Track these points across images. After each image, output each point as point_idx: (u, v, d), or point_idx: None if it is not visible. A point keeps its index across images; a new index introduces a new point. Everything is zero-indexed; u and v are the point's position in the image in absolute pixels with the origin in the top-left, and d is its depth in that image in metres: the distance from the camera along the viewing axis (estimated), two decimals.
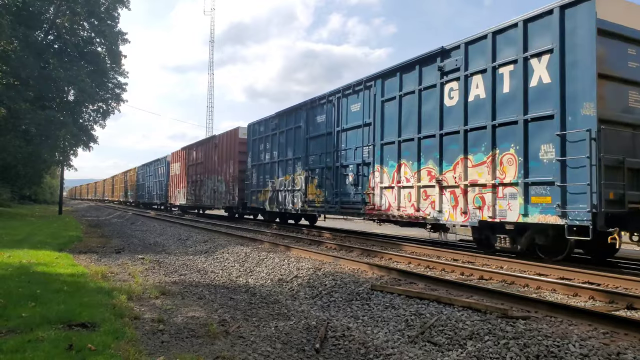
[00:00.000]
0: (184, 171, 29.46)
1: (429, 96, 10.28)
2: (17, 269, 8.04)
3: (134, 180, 46.48)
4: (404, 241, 12.12)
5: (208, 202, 24.92)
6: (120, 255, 11.71)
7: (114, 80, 29.31)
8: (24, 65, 23.18)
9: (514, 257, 8.87)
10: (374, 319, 5.61)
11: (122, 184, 54.10)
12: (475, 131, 9.12)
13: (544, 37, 7.91)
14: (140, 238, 16.36)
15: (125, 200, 51.89)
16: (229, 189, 21.79)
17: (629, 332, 4.28)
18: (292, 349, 4.73)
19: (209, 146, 25.08)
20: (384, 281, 7.04)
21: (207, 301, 6.80)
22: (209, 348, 4.64)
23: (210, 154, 24.77)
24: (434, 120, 10.07)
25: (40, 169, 32.95)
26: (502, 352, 4.18)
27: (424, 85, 10.43)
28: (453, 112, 9.63)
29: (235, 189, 21.14)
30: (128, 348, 4.23)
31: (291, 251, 10.52)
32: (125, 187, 51.62)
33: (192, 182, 27.68)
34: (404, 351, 4.56)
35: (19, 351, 3.98)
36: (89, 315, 5.23)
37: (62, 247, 12.34)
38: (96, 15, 26.78)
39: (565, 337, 4.19)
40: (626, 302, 5.46)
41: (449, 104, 9.77)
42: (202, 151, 26.19)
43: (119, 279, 8.29)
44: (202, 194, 25.80)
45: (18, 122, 24.02)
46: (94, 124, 29.79)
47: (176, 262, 10.68)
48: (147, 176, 40.37)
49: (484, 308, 5.18)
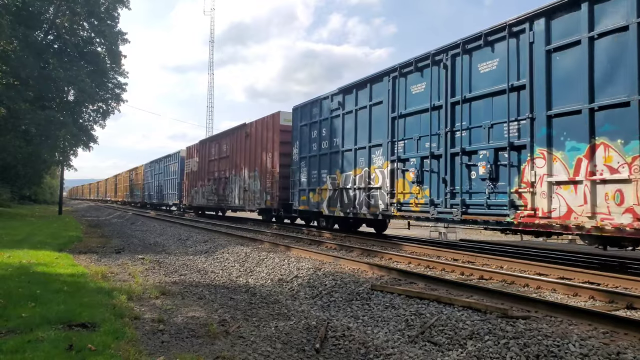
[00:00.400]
0: (203, 167, 25.91)
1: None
2: (17, 269, 8.04)
3: (140, 179, 43.12)
4: (404, 241, 12.13)
5: (236, 203, 21.22)
6: (120, 255, 11.70)
7: (114, 80, 29.33)
8: (23, 65, 23.18)
9: (514, 257, 8.87)
10: (374, 318, 5.61)
11: (126, 183, 50.88)
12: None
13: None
14: (140, 238, 16.35)
15: (131, 201, 48.22)
16: (266, 187, 18.13)
17: (629, 331, 4.28)
18: (292, 349, 4.73)
19: (238, 136, 21.30)
20: (384, 281, 7.04)
21: (207, 301, 6.80)
22: (209, 348, 4.64)
23: (238, 146, 21.12)
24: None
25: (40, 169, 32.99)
26: (502, 352, 4.18)
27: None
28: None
29: (274, 187, 17.48)
30: (128, 348, 4.23)
31: (291, 251, 10.53)
32: (131, 187, 48.34)
33: (213, 179, 24.15)
34: (404, 351, 4.56)
35: (18, 351, 3.98)
36: (89, 315, 5.23)
37: (62, 247, 12.34)
38: (96, 15, 26.78)
39: (565, 337, 4.19)
40: (626, 301, 5.46)
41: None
42: (228, 143, 22.45)
43: (119, 279, 8.29)
44: (227, 193, 22.18)
45: (18, 122, 24.01)
46: (93, 124, 29.83)
47: (176, 262, 10.67)
48: (156, 174, 36.88)
49: (484, 308, 5.18)
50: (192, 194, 27.70)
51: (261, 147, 18.74)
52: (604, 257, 9.52)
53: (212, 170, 24.58)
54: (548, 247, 11.68)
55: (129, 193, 49.51)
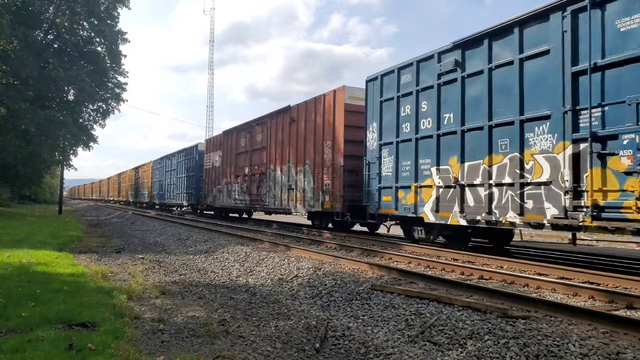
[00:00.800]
0: (229, 162, 22.46)
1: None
2: (17, 268, 8.04)
3: (148, 177, 39.63)
4: (404, 241, 12.13)
5: (276, 204, 17.54)
6: (120, 255, 11.70)
7: (114, 79, 29.38)
8: (23, 64, 23.19)
9: (514, 257, 8.88)
10: (374, 318, 5.62)
11: (131, 182, 47.58)
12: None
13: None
14: (140, 238, 16.36)
15: (136, 201, 44.89)
16: (322, 184, 14.46)
17: (628, 331, 4.28)
18: (292, 349, 4.73)
19: (279, 123, 17.66)
20: (384, 281, 7.04)
21: (207, 301, 6.80)
22: (209, 347, 4.64)
23: (280, 135, 17.50)
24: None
25: (40, 169, 32.99)
26: (502, 352, 4.18)
27: None
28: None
29: (337, 184, 13.82)
30: (128, 348, 4.23)
31: (291, 251, 10.53)
32: (136, 186, 44.86)
33: (242, 176, 20.83)
34: (404, 351, 4.56)
35: (18, 351, 3.98)
36: (89, 315, 5.23)
37: (62, 247, 12.34)
38: (96, 15, 26.80)
39: (565, 337, 4.19)
40: (626, 301, 5.46)
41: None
42: (264, 132, 18.87)
43: (119, 278, 8.29)
44: (263, 192, 18.62)
45: (18, 121, 24.03)
46: (93, 123, 29.87)
47: (176, 261, 10.68)
48: (168, 171, 33.65)
49: (484, 308, 5.18)
50: (214, 193, 24.21)
51: (314, 135, 15.12)
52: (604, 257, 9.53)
53: (241, 166, 21.07)
54: (548, 247, 11.68)
55: (133, 192, 46.73)
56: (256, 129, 19.75)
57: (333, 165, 14.05)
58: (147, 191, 40.41)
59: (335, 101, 14.09)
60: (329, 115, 14.38)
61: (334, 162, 14.04)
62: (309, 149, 15.41)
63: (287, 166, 16.85)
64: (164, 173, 34.68)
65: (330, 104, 14.34)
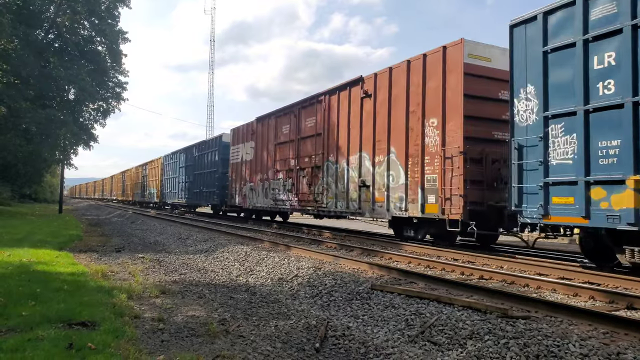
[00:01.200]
0: (266, 154, 18.78)
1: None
2: (17, 267, 8.04)
3: (157, 174, 35.68)
4: (404, 241, 12.12)
5: (339, 207, 13.87)
6: (120, 254, 11.70)
7: (115, 79, 29.43)
8: (24, 64, 23.23)
9: (514, 257, 8.87)
10: (374, 318, 5.61)
11: (137, 180, 43.98)
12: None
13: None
14: (141, 237, 16.36)
15: (142, 201, 40.80)
16: (421, 179, 10.73)
17: (629, 332, 4.28)
18: (292, 348, 4.73)
19: (342, 101, 13.94)
20: (384, 281, 7.04)
21: (207, 300, 6.80)
22: (209, 347, 4.64)
23: (343, 116, 13.80)
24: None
25: (41, 168, 33.00)
26: (502, 352, 4.18)
27: None
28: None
29: (449, 178, 9.97)
30: (128, 347, 4.23)
31: (291, 250, 10.53)
32: (143, 184, 41.06)
33: (286, 171, 17.12)
34: (404, 350, 4.56)
35: (19, 350, 3.98)
36: (89, 314, 5.23)
37: (62, 246, 12.34)
38: (97, 14, 26.82)
39: (565, 337, 4.19)
40: (626, 302, 5.46)
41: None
42: (319, 113, 15.06)
43: (119, 277, 8.29)
44: (318, 191, 14.92)
45: (18, 120, 24.06)
46: (94, 122, 29.93)
47: (176, 261, 10.68)
48: (181, 167, 29.82)
49: (484, 308, 5.18)
50: (245, 191, 20.57)
51: (406, 112, 11.32)
52: None
53: (283, 158, 17.32)
54: (548, 247, 11.67)
55: (140, 192, 42.79)
56: (305, 112, 15.86)
57: (443, 153, 10.17)
58: (156, 190, 36.35)
59: (447, 62, 10.27)
60: (435, 82, 10.54)
61: (444, 147, 10.16)
62: (397, 132, 11.59)
63: (356, 156, 13.09)
64: (178, 169, 30.75)
65: (437, 66, 10.50)
